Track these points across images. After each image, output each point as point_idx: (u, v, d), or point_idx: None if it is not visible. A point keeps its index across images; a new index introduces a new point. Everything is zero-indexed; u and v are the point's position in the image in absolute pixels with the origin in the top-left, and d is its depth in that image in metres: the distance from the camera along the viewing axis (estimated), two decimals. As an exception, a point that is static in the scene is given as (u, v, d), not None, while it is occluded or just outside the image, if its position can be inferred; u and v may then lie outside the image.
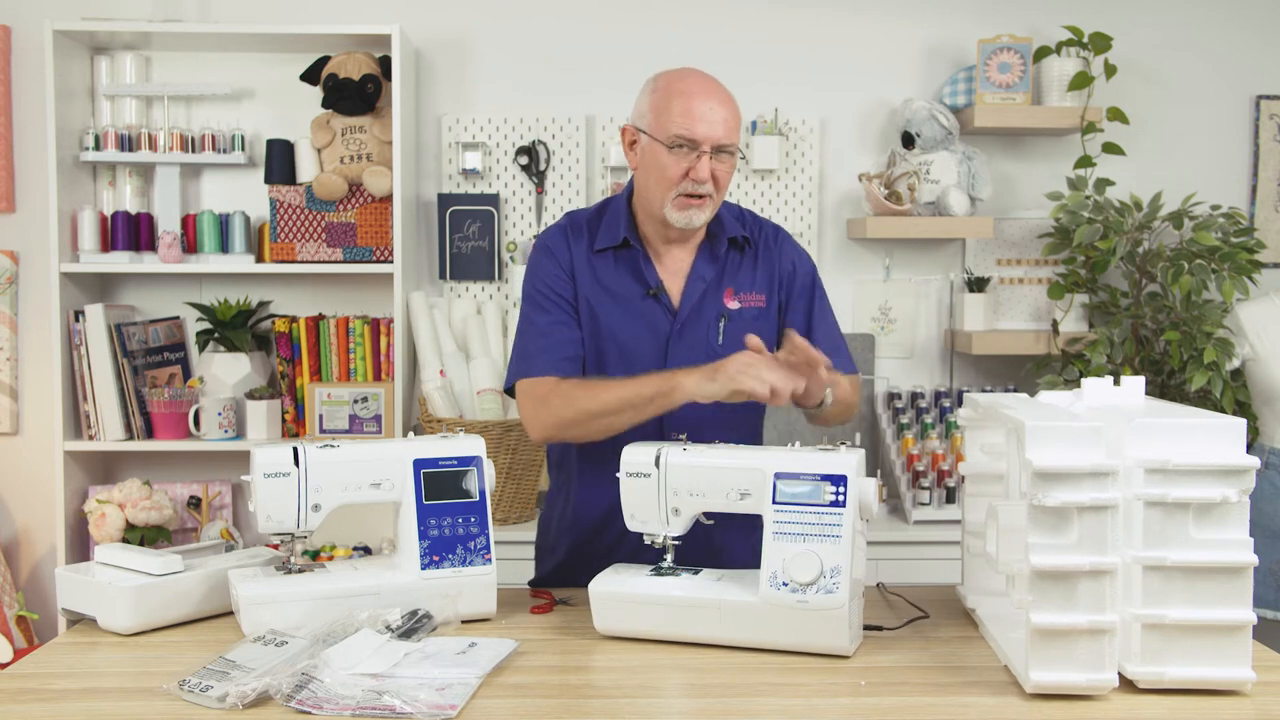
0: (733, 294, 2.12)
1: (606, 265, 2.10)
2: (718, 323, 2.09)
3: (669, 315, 2.08)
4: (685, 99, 1.99)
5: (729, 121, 2.00)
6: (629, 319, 2.08)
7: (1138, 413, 1.67)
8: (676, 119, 1.98)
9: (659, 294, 2.08)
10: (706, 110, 1.98)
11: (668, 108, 1.99)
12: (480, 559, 1.89)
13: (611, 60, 3.48)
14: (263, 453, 1.84)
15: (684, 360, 2.05)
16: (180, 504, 3.34)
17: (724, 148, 1.99)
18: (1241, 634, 1.57)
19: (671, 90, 2.01)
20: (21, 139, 3.41)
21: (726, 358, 1.89)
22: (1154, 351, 3.28)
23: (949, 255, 3.57)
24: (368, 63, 3.27)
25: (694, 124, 1.97)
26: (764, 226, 2.20)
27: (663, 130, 1.99)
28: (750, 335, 1.90)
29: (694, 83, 2.01)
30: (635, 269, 2.09)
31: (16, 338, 3.44)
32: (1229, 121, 3.56)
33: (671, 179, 2.00)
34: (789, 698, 1.57)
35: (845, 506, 1.71)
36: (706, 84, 2.02)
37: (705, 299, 2.10)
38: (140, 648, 1.78)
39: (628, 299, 2.09)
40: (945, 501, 3.21)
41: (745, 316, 2.11)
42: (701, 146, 1.97)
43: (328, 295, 3.48)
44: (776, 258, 2.16)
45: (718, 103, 1.99)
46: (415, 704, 1.49)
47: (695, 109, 1.97)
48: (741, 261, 2.14)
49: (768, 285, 2.14)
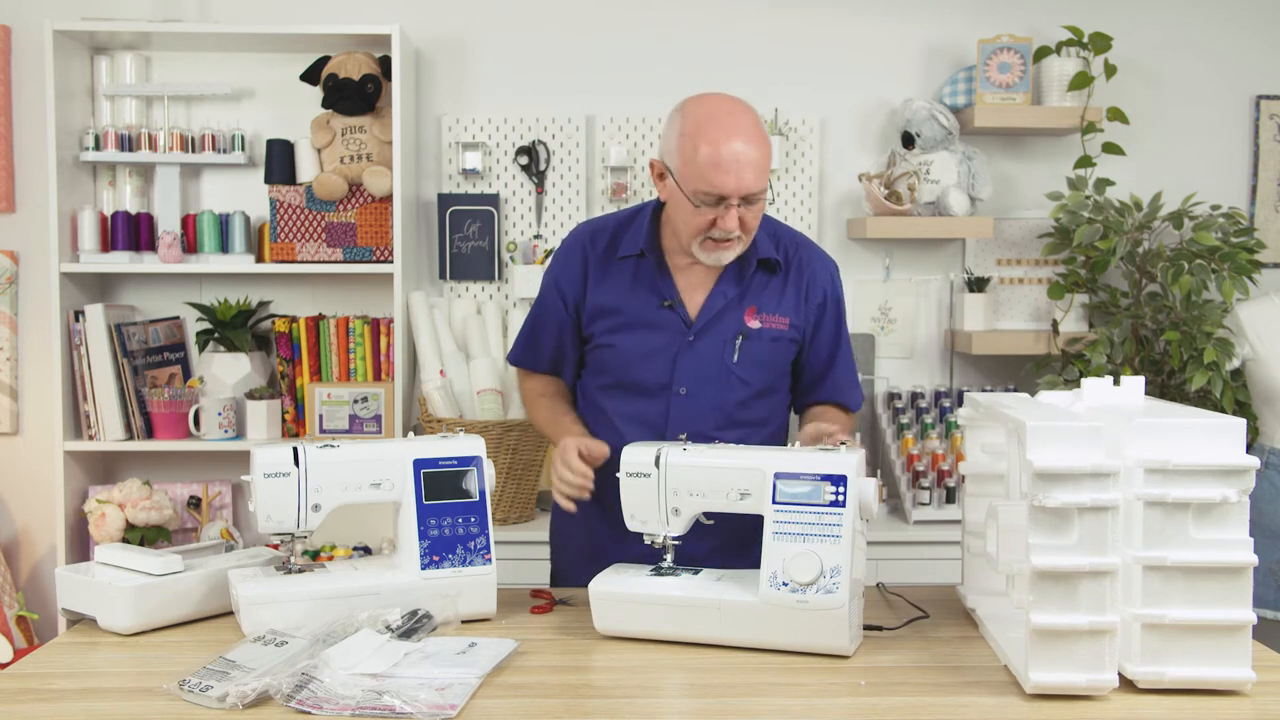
0: (755, 313, 2.08)
1: (625, 273, 2.09)
2: (735, 340, 2.06)
3: (684, 327, 2.06)
4: (713, 148, 1.89)
5: (758, 167, 1.91)
6: (641, 328, 2.07)
7: (1138, 413, 1.67)
8: (704, 173, 1.90)
9: (675, 306, 2.06)
10: (733, 162, 1.89)
11: (694, 157, 1.91)
12: (480, 559, 1.89)
13: (611, 60, 3.48)
14: (263, 453, 1.84)
15: (694, 376, 2.05)
16: (180, 504, 3.34)
17: (753, 195, 1.93)
18: (1241, 634, 1.57)
19: (700, 136, 1.91)
20: (21, 139, 3.41)
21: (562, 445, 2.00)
22: (1154, 351, 3.28)
23: (949, 255, 3.57)
24: (368, 63, 3.27)
25: (721, 179, 1.89)
26: (799, 246, 2.15)
27: (688, 182, 1.93)
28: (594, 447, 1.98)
29: (722, 129, 1.91)
30: (654, 279, 2.08)
31: (16, 338, 3.44)
32: (1229, 121, 3.56)
33: (698, 227, 1.96)
34: (789, 698, 1.57)
35: (845, 506, 1.71)
36: (735, 127, 1.91)
37: (725, 315, 2.07)
38: (140, 648, 1.78)
39: (642, 309, 2.07)
40: (945, 501, 3.21)
41: (764, 338, 2.07)
42: (729, 199, 1.92)
43: (328, 295, 3.48)
44: (807, 283, 2.12)
45: (745, 152, 1.90)
46: (415, 704, 1.49)
47: (723, 161, 1.89)
48: (769, 282, 2.10)
49: (794, 309, 2.10)
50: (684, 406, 2.05)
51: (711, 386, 2.06)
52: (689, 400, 2.05)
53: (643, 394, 2.08)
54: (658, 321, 2.07)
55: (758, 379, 2.08)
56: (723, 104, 1.96)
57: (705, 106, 1.96)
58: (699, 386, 2.05)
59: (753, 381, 2.08)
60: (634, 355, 2.07)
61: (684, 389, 2.05)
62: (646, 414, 2.07)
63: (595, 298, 2.10)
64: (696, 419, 2.04)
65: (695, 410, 2.05)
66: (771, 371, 2.10)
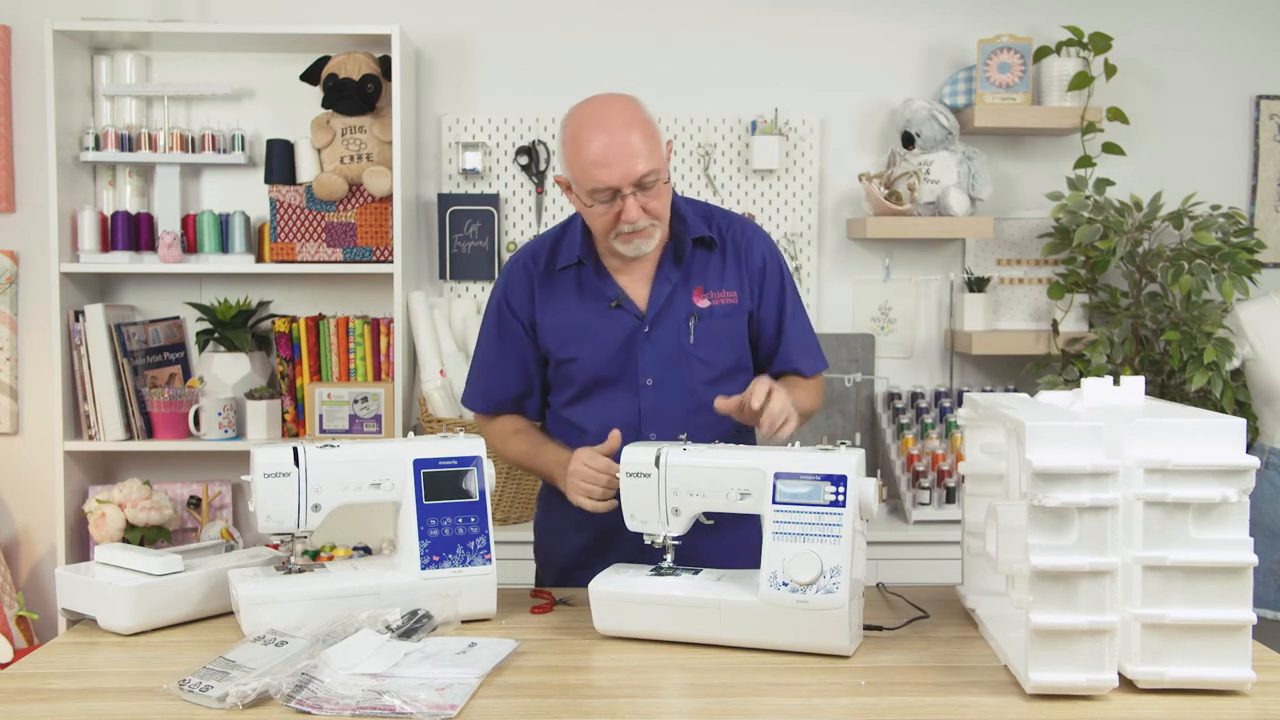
0: (702, 292, 2.10)
1: (569, 283, 2.11)
2: (688, 322, 2.09)
3: (637, 320, 2.08)
4: (589, 148, 1.93)
5: (640, 152, 1.93)
6: (595, 331, 2.09)
7: (1138, 413, 1.67)
8: (588, 172, 1.94)
9: (622, 303, 2.08)
10: (613, 154, 1.92)
11: (580, 160, 1.95)
12: (480, 559, 1.89)
13: (611, 60, 3.48)
14: (263, 453, 1.84)
15: (656, 364, 2.07)
16: (180, 504, 3.34)
17: (644, 181, 1.95)
18: (1241, 634, 1.57)
19: (579, 139, 1.95)
20: (21, 139, 3.41)
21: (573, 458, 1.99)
22: (1154, 351, 3.28)
23: (949, 255, 3.57)
24: (368, 63, 3.27)
25: (604, 173, 1.92)
26: (732, 222, 2.17)
27: (581, 185, 1.97)
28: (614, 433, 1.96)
29: (594, 128, 1.95)
30: (597, 282, 2.10)
31: (16, 338, 3.44)
32: (1229, 121, 3.56)
33: (606, 225, 1.99)
34: (789, 698, 1.57)
35: (845, 506, 1.71)
36: (606, 119, 1.95)
37: (674, 300, 2.09)
38: (140, 648, 1.78)
39: (591, 313, 2.09)
40: (945, 501, 3.21)
41: (717, 314, 2.10)
42: (621, 190, 1.94)
43: (328, 295, 3.48)
44: (746, 253, 2.13)
45: (620, 138, 1.93)
46: (415, 704, 1.49)
47: (601, 156, 1.92)
48: (709, 260, 2.12)
49: (738, 282, 2.12)
50: (653, 397, 2.07)
51: (675, 372, 2.08)
52: (657, 390, 2.08)
53: (612, 394, 2.09)
54: (611, 322, 2.08)
55: (718, 357, 2.10)
56: (597, 103, 2.01)
57: (581, 109, 2.01)
58: (663, 374, 2.07)
59: (713, 360, 2.10)
60: (597, 359, 2.09)
61: (650, 380, 2.08)
62: (619, 413, 2.08)
63: (546, 316, 2.11)
64: (667, 407, 2.07)
65: (665, 399, 2.07)
66: (730, 348, 2.12)
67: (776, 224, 3.50)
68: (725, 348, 2.11)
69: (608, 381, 2.10)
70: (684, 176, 3.48)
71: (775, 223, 3.50)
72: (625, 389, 2.09)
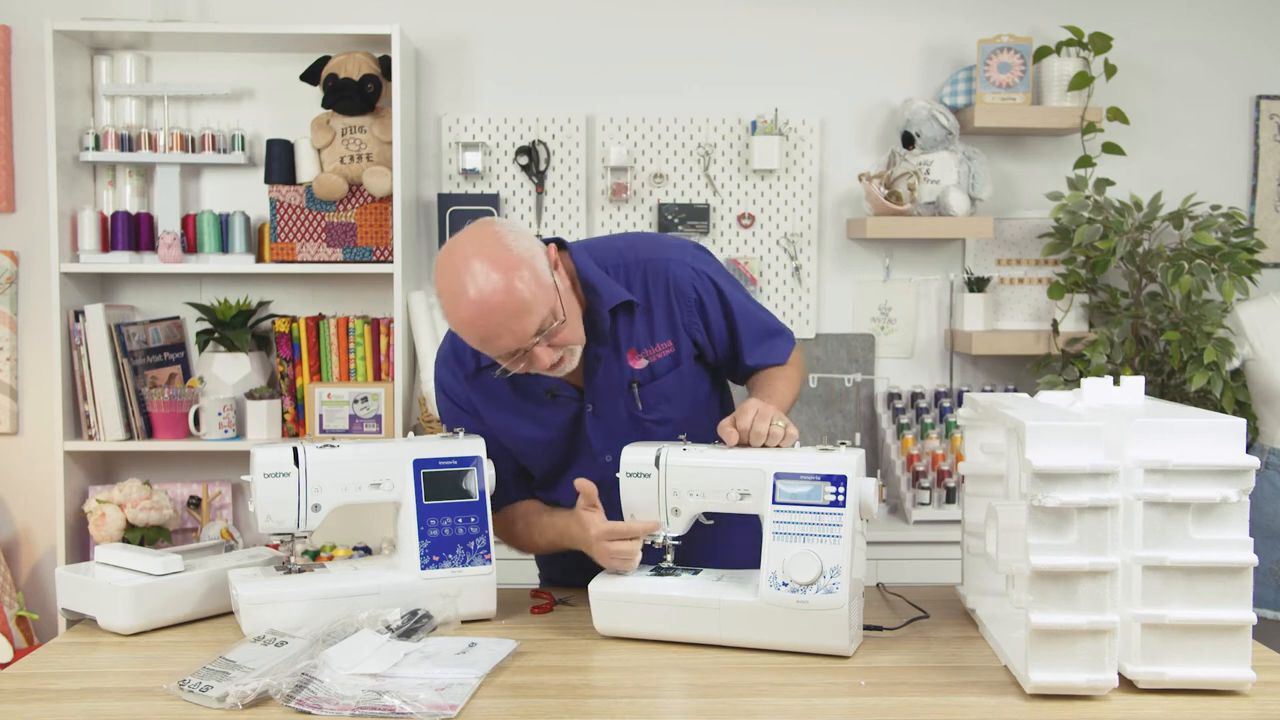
0: (636, 353, 1.97)
1: (500, 384, 1.98)
2: (630, 390, 1.97)
3: (577, 403, 1.99)
4: (474, 328, 1.78)
5: (526, 312, 1.75)
6: (540, 423, 1.99)
7: (1138, 413, 1.67)
8: (484, 347, 1.81)
9: (557, 392, 1.97)
10: (499, 329, 1.76)
11: (467, 336, 1.81)
12: (480, 559, 1.89)
13: (611, 60, 3.48)
14: (263, 453, 1.84)
15: (609, 437, 1.97)
16: (180, 504, 3.34)
17: (541, 331, 1.79)
18: (1241, 634, 1.57)
19: (458, 318, 1.79)
20: (21, 139, 3.41)
21: (595, 535, 1.83)
22: (1154, 351, 3.28)
23: (949, 255, 3.57)
24: (368, 63, 3.27)
25: (499, 345, 1.78)
26: (648, 266, 1.97)
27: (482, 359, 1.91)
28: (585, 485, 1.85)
29: (470, 305, 1.75)
30: (528, 378, 1.95)
31: (16, 338, 3.44)
32: (1229, 121, 3.56)
33: (525, 370, 1.86)
34: (789, 698, 1.57)
35: (845, 506, 1.71)
36: (481, 296, 1.74)
37: (609, 373, 1.96)
38: (140, 648, 1.78)
39: (529, 406, 1.99)
40: (945, 501, 3.21)
41: (659, 370, 1.98)
42: (518, 353, 1.81)
43: (328, 295, 3.48)
44: (675, 293, 1.97)
45: (502, 314, 1.74)
46: (415, 704, 1.49)
47: (487, 334, 1.77)
48: (634, 319, 1.96)
49: (670, 329, 1.98)
50: (616, 470, 1.94)
51: (632, 440, 1.96)
52: (618, 463, 1.94)
53: (574, 477, 1.96)
54: (553, 411, 1.99)
55: (672, 413, 2.01)
56: (459, 261, 1.78)
57: (446, 271, 1.79)
58: (621, 447, 1.93)
59: (668, 417, 2.00)
60: (549, 451, 2.01)
61: (609, 456, 1.97)
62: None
63: (489, 415, 2.01)
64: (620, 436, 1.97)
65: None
66: (681, 398, 2.02)
67: (776, 224, 3.50)
68: (676, 401, 2.01)
69: (565, 468, 2.02)
70: (684, 177, 3.48)
71: (775, 222, 3.50)
72: (587, 469, 1.99)
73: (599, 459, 1.99)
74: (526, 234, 1.84)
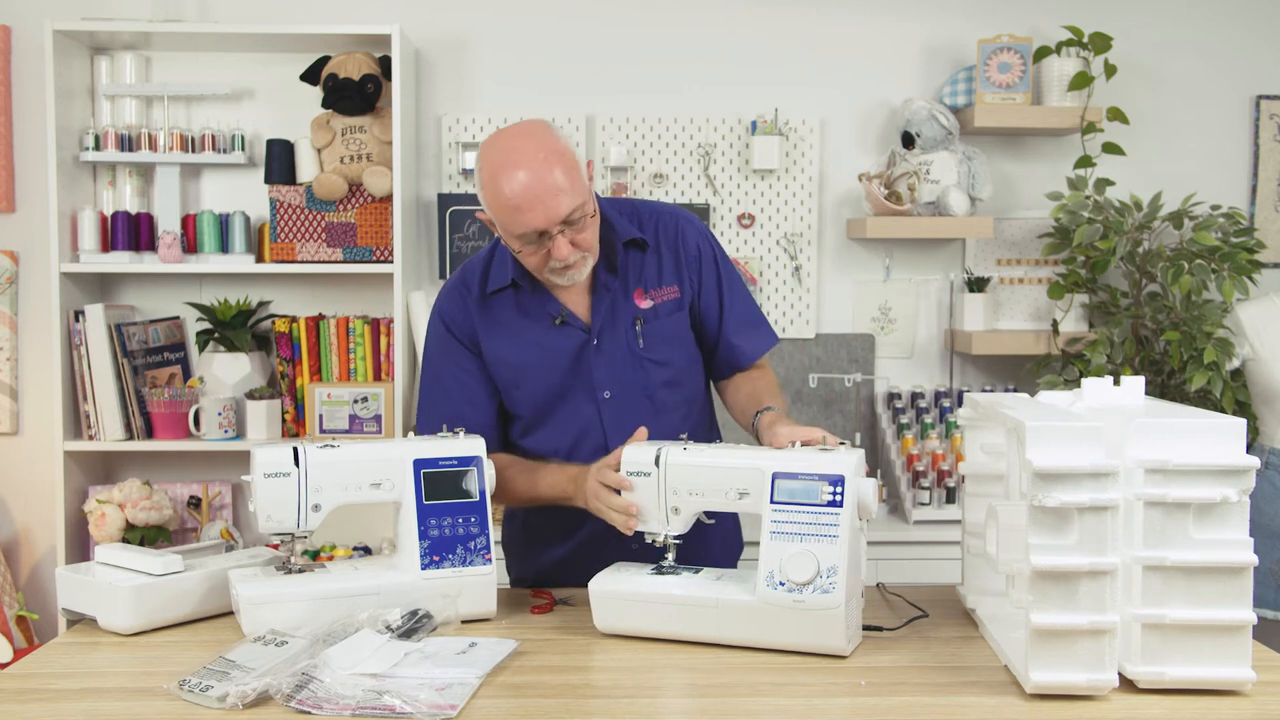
0: (643, 293, 2.05)
1: (506, 305, 2.03)
2: (635, 326, 2.03)
3: (584, 334, 2.02)
4: (508, 190, 1.84)
5: (560, 189, 1.84)
6: (542, 350, 2.02)
7: (1138, 413, 1.67)
8: (512, 216, 1.86)
9: (566, 319, 2.02)
10: (531, 196, 1.83)
11: (499, 205, 1.87)
12: (480, 559, 1.89)
13: (611, 60, 3.48)
14: (263, 453, 1.84)
15: (611, 375, 2.02)
16: (180, 504, 3.35)
17: (570, 218, 1.86)
18: (1241, 634, 1.57)
19: (496, 182, 1.86)
20: (21, 139, 3.41)
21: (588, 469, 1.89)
22: (1154, 351, 3.28)
23: (949, 255, 3.57)
24: (368, 63, 3.27)
25: (529, 218, 1.84)
26: (660, 216, 2.09)
27: (505, 229, 1.90)
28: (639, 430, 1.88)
29: (511, 166, 1.84)
30: (537, 301, 2.02)
31: (16, 338, 3.44)
32: (1229, 121, 3.56)
33: (537, 264, 1.93)
34: (788, 698, 1.57)
35: (843, 506, 1.71)
36: (524, 162, 1.84)
37: (616, 308, 2.03)
38: (140, 648, 1.78)
39: (536, 332, 2.02)
40: (945, 501, 3.21)
41: (661, 313, 2.05)
42: (548, 232, 1.87)
43: (328, 295, 3.48)
44: (680, 244, 2.08)
45: (538, 178, 1.83)
46: (415, 704, 1.49)
47: (522, 200, 1.83)
48: (644, 259, 2.06)
49: (676, 275, 2.07)
50: (613, 408, 2.03)
51: (631, 380, 2.03)
52: (615, 401, 2.03)
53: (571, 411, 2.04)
54: (558, 339, 2.02)
55: (671, 356, 2.06)
56: (507, 140, 1.89)
57: (493, 147, 1.89)
58: (619, 384, 2.03)
59: (667, 360, 2.06)
60: (550, 378, 2.03)
61: (607, 392, 2.03)
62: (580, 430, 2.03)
63: (490, 342, 2.04)
64: (629, 417, 2.01)
65: (624, 408, 2.03)
66: (680, 345, 2.08)
67: (776, 224, 3.50)
68: (675, 345, 2.07)
69: (563, 399, 2.04)
70: (684, 177, 3.48)
71: (775, 222, 3.50)
72: (583, 404, 2.03)
73: (598, 393, 2.03)
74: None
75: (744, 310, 2.13)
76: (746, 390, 2.09)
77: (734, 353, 2.12)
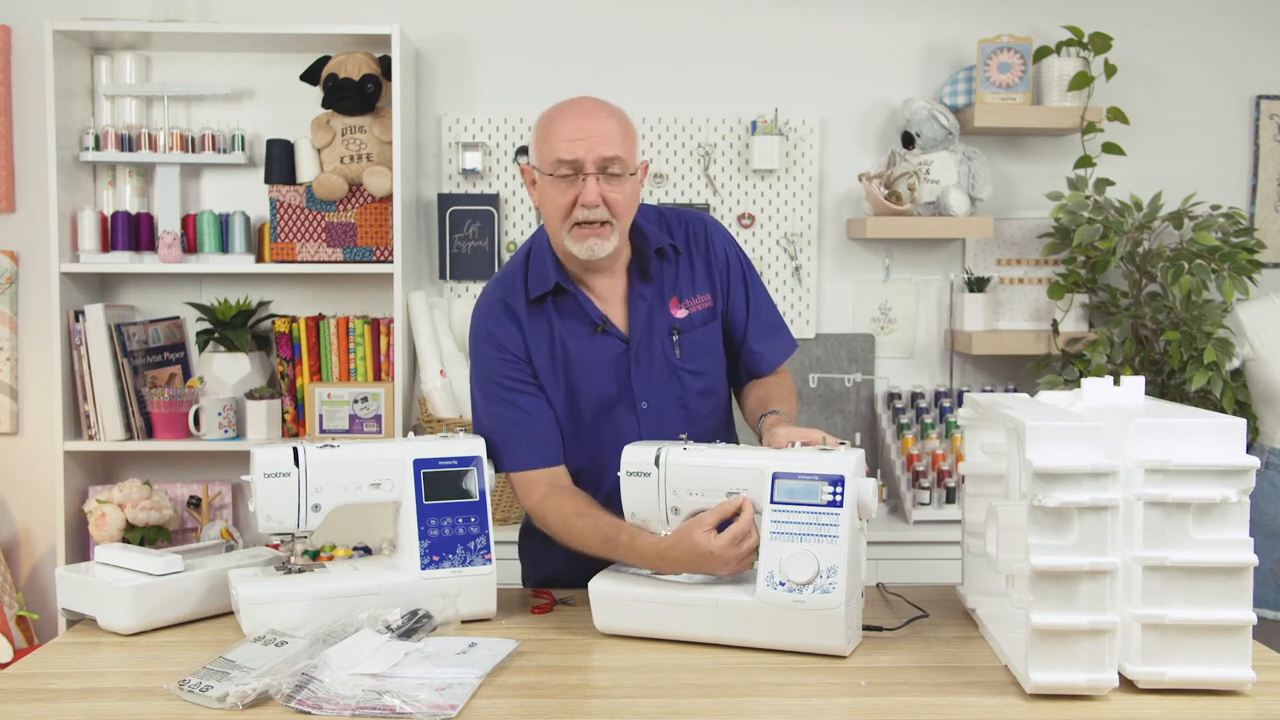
0: (678, 303, 2.05)
1: (549, 314, 2.02)
2: (671, 337, 2.04)
3: (622, 343, 2.03)
4: (560, 123, 1.91)
5: (609, 135, 1.90)
6: (588, 358, 2.02)
7: (1138, 413, 1.67)
8: (557, 145, 1.90)
9: (606, 327, 2.02)
10: (582, 130, 1.89)
11: (547, 137, 1.92)
12: (480, 559, 1.89)
13: (611, 60, 3.48)
14: (263, 453, 1.84)
15: (649, 386, 2.03)
16: (180, 504, 3.35)
17: (609, 166, 1.90)
18: (1241, 634, 1.57)
19: (550, 119, 1.94)
20: (21, 139, 3.41)
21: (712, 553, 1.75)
22: (1154, 351, 3.28)
23: (949, 255, 3.57)
24: (368, 63, 3.27)
25: (571, 145, 1.89)
26: (688, 222, 2.11)
27: (545, 161, 1.92)
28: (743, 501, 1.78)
29: (570, 107, 1.95)
30: (577, 308, 2.02)
31: (16, 338, 3.44)
32: (1229, 121, 3.56)
33: (562, 208, 1.92)
34: (788, 698, 1.57)
35: (842, 506, 1.71)
36: (582, 105, 1.95)
37: (652, 318, 2.03)
38: (140, 648, 1.78)
39: (577, 338, 2.02)
40: (945, 501, 3.21)
41: (696, 321, 2.06)
42: (584, 168, 1.89)
43: (328, 295, 3.48)
44: (709, 252, 2.09)
45: (593, 120, 1.91)
46: (415, 704, 1.49)
47: (570, 131, 1.89)
48: (677, 268, 2.07)
49: (709, 283, 2.08)
50: (651, 418, 2.03)
51: (668, 390, 2.04)
52: (653, 411, 2.03)
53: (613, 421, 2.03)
54: (599, 347, 2.02)
55: (706, 365, 2.08)
56: (576, 98, 1.99)
57: (559, 104, 1.99)
58: (657, 394, 2.03)
59: (703, 369, 2.07)
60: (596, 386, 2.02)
61: (645, 402, 2.03)
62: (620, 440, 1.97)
63: (538, 353, 2.02)
64: (665, 426, 2.02)
65: (661, 418, 2.03)
66: (714, 354, 2.10)
67: (776, 224, 3.50)
68: (709, 355, 2.08)
69: (608, 411, 2.03)
70: (684, 176, 3.48)
71: (775, 222, 3.50)
72: (624, 415, 2.03)
73: (637, 402, 2.03)
74: None
75: (768, 316, 2.15)
76: (758, 394, 2.11)
77: (755, 359, 2.13)
